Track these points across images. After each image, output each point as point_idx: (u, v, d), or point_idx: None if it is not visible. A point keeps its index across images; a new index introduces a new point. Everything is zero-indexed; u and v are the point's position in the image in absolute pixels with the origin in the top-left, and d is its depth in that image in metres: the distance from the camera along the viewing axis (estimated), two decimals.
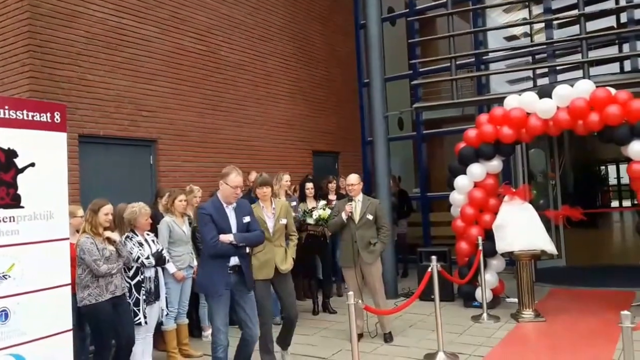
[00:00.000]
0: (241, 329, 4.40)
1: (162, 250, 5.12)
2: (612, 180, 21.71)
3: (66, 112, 3.87)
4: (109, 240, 4.46)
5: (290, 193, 7.33)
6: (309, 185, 7.36)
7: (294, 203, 7.06)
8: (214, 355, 4.25)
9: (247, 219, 4.38)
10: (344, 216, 5.78)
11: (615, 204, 20.52)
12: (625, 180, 20.75)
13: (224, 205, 4.30)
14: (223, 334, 4.21)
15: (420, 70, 10.93)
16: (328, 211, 6.93)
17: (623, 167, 19.85)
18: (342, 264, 6.02)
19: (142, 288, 4.78)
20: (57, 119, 3.74)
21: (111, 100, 6.56)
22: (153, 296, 4.90)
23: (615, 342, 5.16)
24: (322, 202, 7.12)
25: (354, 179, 5.92)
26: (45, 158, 3.64)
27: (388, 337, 5.83)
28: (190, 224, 6.01)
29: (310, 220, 6.89)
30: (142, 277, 4.79)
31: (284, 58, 9.40)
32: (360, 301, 3.94)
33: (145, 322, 4.76)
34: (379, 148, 8.37)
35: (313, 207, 7.07)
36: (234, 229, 4.29)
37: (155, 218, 5.64)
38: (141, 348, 4.83)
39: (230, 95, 8.20)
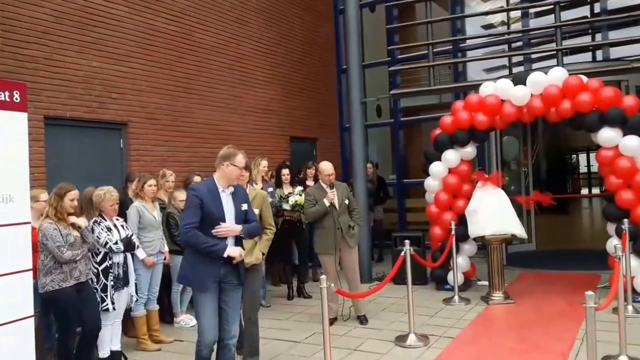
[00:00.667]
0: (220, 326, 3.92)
1: (131, 235, 5.03)
2: (583, 169, 22.21)
3: (26, 91, 3.73)
4: (74, 225, 4.35)
5: (267, 179, 7.28)
6: (285, 171, 7.34)
7: (270, 189, 7.04)
8: (197, 357, 3.85)
9: (244, 206, 3.94)
10: (327, 203, 5.77)
11: (584, 191, 20.97)
12: (594, 168, 21.26)
13: (220, 189, 3.84)
14: (209, 332, 3.79)
15: (399, 57, 10.94)
16: (304, 197, 6.92)
17: (593, 156, 20.35)
18: (321, 251, 5.92)
19: (110, 274, 4.68)
20: (16, 98, 3.60)
21: (79, 81, 6.38)
22: (122, 282, 4.80)
23: (580, 322, 5.28)
24: (299, 188, 7.12)
25: (330, 167, 5.91)
26: (4, 139, 3.49)
27: (363, 319, 5.89)
28: (162, 209, 5.95)
29: (286, 206, 6.89)
30: (110, 262, 4.70)
31: (260, 42, 9.28)
32: (332, 285, 3.93)
33: (114, 308, 4.67)
34: (356, 134, 8.37)
35: (289, 193, 7.06)
36: (230, 216, 3.83)
37: (125, 203, 5.54)
38: (109, 334, 4.75)
39: (204, 78, 8.08)
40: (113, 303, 4.66)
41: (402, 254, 5.32)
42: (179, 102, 7.66)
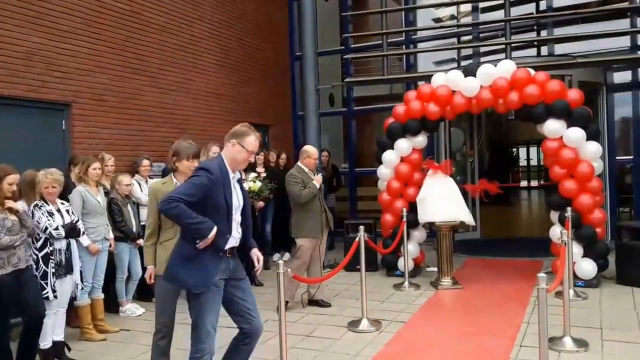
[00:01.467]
0: (239, 325, 3.46)
1: (76, 221, 4.82)
2: (523, 162, 23.08)
3: None
4: (11, 210, 4.12)
5: None
6: None
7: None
8: None
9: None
10: (317, 185, 5.83)
11: (524, 183, 21.82)
12: (533, 162, 22.12)
13: (230, 173, 3.31)
14: (213, 338, 3.28)
15: (353, 46, 10.96)
16: (258, 184, 6.85)
17: (533, 150, 21.16)
18: (306, 235, 5.82)
19: (51, 260, 4.48)
20: None
21: (20, 57, 6.03)
22: (64, 269, 4.58)
23: (525, 306, 5.51)
24: (253, 175, 7.04)
25: (317, 151, 6.13)
26: None
27: (325, 303, 6.03)
28: (106, 194, 5.73)
29: None
30: (51, 248, 4.49)
31: (212, 24, 9.07)
32: (288, 270, 3.89)
33: (55, 297, 4.46)
34: (310, 122, 8.37)
35: (243, 179, 6.98)
36: (237, 210, 3.36)
37: (69, 187, 5.30)
38: (52, 324, 4.54)
39: (154, 59, 7.82)
40: (54, 291, 4.45)
41: (357, 239, 5.34)
42: (128, 83, 7.39)
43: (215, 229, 3.13)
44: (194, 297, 3.24)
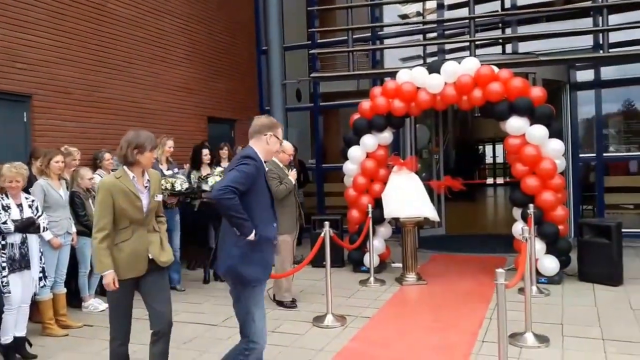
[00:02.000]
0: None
1: (38, 216, 4.73)
2: (489, 159, 23.49)
3: None
4: None
5: (171, 160, 6.98)
6: (205, 151, 7.18)
7: (176, 170, 6.82)
8: None
9: None
10: (293, 181, 5.77)
11: (490, 180, 22.19)
12: (499, 159, 22.54)
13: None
14: (265, 333, 3.28)
15: (319, 41, 10.96)
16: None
17: (499, 147, 21.55)
18: (284, 231, 5.63)
19: (3, 255, 4.38)
20: None
21: None
22: (19, 264, 4.48)
23: (489, 302, 5.60)
24: (219, 169, 6.99)
25: (292, 147, 6.08)
26: None
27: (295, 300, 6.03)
28: (67, 187, 5.63)
29: (206, 187, 6.76)
30: (4, 242, 4.40)
31: (180, 18, 8.93)
32: None
33: (8, 291, 4.37)
34: (275, 117, 8.25)
35: (208, 174, 6.92)
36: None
37: (30, 181, 5.17)
38: (13, 319, 4.46)
39: (120, 52, 7.66)
40: (5, 285, 4.36)
41: (322, 235, 5.35)
42: (93, 76, 7.22)
43: (253, 232, 3.12)
44: (244, 293, 3.19)
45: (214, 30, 9.82)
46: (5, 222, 4.41)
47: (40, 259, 4.79)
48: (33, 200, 4.79)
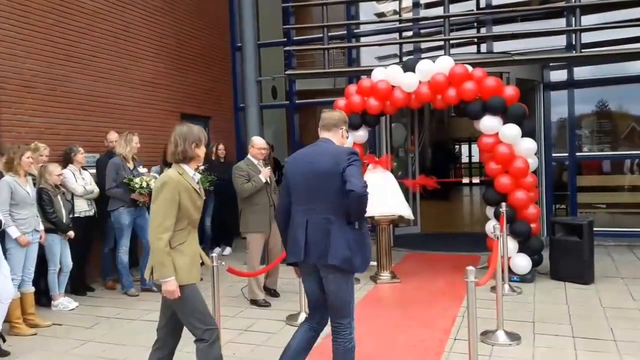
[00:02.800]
0: (320, 317, 3.54)
1: None
2: (465, 158, 23.70)
3: None
4: None
5: (136, 157, 6.78)
6: None
7: (141, 167, 6.64)
8: (349, 347, 3.33)
9: None
10: (263, 179, 5.71)
11: (465, 179, 22.39)
12: (475, 158, 22.76)
13: None
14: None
15: (295, 39, 10.88)
16: (198, 175, 6.68)
17: (474, 146, 21.76)
18: (254, 230, 5.73)
19: None
20: None
21: None
22: None
23: (462, 301, 5.58)
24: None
25: (264, 142, 6.03)
26: None
27: (275, 293, 6.14)
28: (34, 184, 5.49)
29: None
30: None
31: (146, 10, 8.70)
32: (223, 263, 3.82)
33: None
34: (251, 114, 8.26)
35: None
36: None
37: None
38: None
39: (85, 45, 7.43)
40: None
41: None
42: (58, 69, 7.01)
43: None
44: (350, 279, 3.34)
45: (181, 23, 9.59)
46: None
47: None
48: None
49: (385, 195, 6.52)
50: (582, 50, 8.34)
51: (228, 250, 8.68)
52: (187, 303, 3.16)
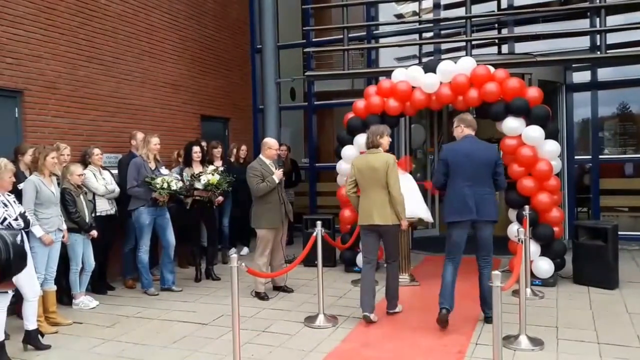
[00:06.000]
0: (459, 258, 5.40)
1: (24, 212, 4.66)
2: None
3: None
4: None
5: (159, 158, 6.80)
6: (197, 148, 7.11)
7: (164, 169, 6.66)
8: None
9: None
10: (277, 180, 6.00)
11: None
12: None
13: None
14: None
15: (314, 40, 10.88)
16: (217, 176, 6.75)
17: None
18: (266, 226, 6.04)
19: None
20: None
21: None
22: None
23: None
24: (211, 167, 6.94)
25: (276, 142, 6.37)
26: None
27: (288, 289, 6.39)
28: (59, 184, 5.56)
29: (198, 185, 6.72)
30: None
31: (170, 13, 8.81)
32: (243, 264, 3.82)
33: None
34: (270, 115, 8.27)
35: (200, 172, 6.84)
36: None
37: (17, 177, 5.11)
38: (2, 317, 4.37)
39: (109, 47, 7.53)
40: None
41: (314, 234, 5.29)
42: (82, 71, 7.10)
43: None
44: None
45: (204, 26, 9.67)
46: (16, 219, 4.40)
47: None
48: (12, 197, 4.72)
49: (404, 198, 6.47)
50: (607, 52, 8.18)
51: (245, 250, 8.71)
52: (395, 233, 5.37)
